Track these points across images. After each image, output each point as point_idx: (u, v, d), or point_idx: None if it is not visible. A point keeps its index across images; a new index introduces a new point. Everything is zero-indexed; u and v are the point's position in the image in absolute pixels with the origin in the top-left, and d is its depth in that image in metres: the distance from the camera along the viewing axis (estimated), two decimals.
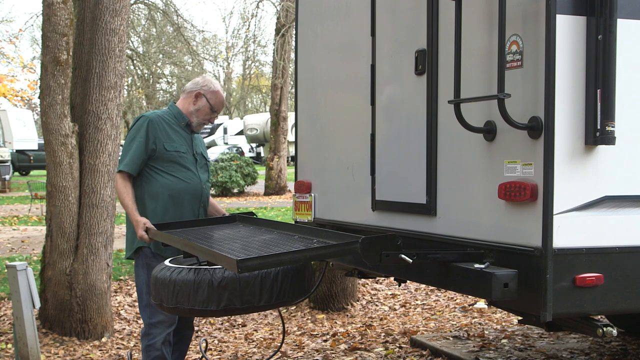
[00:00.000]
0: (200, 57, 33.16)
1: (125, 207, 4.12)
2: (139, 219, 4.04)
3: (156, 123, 4.17)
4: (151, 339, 4.06)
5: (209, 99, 4.28)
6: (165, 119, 4.24)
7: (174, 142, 4.20)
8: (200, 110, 4.28)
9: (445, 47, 3.49)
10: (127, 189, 4.12)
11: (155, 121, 4.18)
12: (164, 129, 4.19)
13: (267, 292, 3.48)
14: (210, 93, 4.29)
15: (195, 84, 4.35)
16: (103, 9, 6.40)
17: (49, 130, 6.31)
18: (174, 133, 4.22)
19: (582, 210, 2.97)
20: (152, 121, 4.17)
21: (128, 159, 4.12)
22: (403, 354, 5.41)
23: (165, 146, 4.16)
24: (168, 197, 4.17)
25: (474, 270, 3.06)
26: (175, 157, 4.18)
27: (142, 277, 4.18)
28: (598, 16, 2.92)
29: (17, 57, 33.32)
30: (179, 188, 4.19)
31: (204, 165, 4.39)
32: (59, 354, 6.00)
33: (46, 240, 6.55)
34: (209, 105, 4.29)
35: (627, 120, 3.00)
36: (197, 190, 4.27)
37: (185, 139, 4.27)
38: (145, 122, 4.16)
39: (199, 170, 4.30)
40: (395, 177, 3.93)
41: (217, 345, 6.20)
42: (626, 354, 5.00)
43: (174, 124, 4.25)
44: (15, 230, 13.71)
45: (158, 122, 4.18)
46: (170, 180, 4.17)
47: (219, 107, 4.34)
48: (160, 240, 4.03)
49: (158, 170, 4.17)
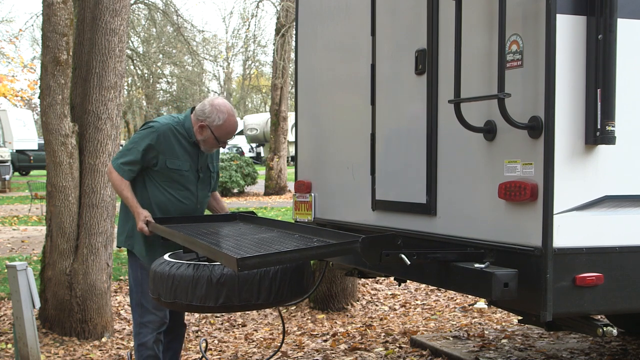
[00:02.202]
0: (200, 57, 33.17)
1: (126, 199, 4.07)
2: (141, 212, 4.02)
3: (163, 138, 4.07)
4: (142, 338, 4.07)
5: (213, 132, 4.12)
6: (175, 131, 4.12)
7: (177, 159, 4.11)
8: (206, 141, 4.16)
9: (445, 47, 3.49)
10: (124, 181, 4.08)
11: (164, 136, 4.08)
12: (171, 144, 4.09)
13: (266, 291, 3.48)
14: (215, 127, 4.11)
15: (202, 112, 4.13)
16: (103, 9, 6.40)
17: (49, 130, 6.31)
18: (180, 148, 4.12)
19: (582, 209, 2.97)
20: (160, 135, 4.07)
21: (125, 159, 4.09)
22: (403, 354, 5.41)
23: (167, 164, 4.10)
24: (157, 211, 4.13)
25: (474, 270, 3.06)
26: (176, 176, 4.13)
27: (132, 276, 4.18)
28: (598, 16, 2.92)
29: (17, 57, 33.38)
30: (170, 207, 4.15)
31: (208, 178, 4.31)
32: (59, 354, 5.99)
33: (46, 240, 6.55)
34: (214, 137, 4.14)
35: (627, 120, 3.00)
36: (190, 210, 4.22)
37: (191, 154, 4.18)
38: (152, 135, 4.07)
39: (198, 189, 4.24)
40: (395, 177, 3.93)
41: (217, 345, 6.20)
42: (626, 354, 5.00)
43: (183, 138, 4.14)
44: (15, 230, 13.71)
45: (166, 136, 4.08)
46: (164, 196, 4.14)
47: (227, 137, 4.19)
48: (160, 234, 4.03)
49: (156, 182, 4.14)
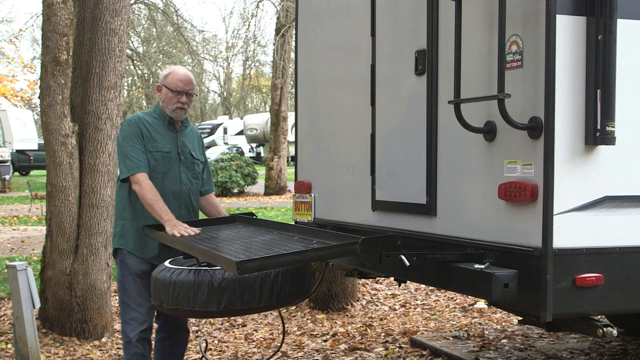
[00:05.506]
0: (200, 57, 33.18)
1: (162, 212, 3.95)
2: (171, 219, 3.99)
3: (136, 125, 4.12)
4: (126, 336, 4.09)
5: (166, 85, 4.18)
6: (145, 120, 4.18)
7: (155, 141, 4.14)
8: (165, 99, 4.19)
9: (445, 47, 3.49)
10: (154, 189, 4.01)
11: (135, 124, 4.13)
12: (146, 129, 4.14)
13: (267, 293, 3.48)
14: (164, 78, 4.20)
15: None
16: (103, 9, 6.40)
17: (49, 130, 6.31)
18: (156, 133, 4.16)
19: (582, 210, 2.97)
20: (131, 124, 4.12)
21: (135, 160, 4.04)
22: (403, 354, 5.41)
23: (147, 147, 4.11)
24: None
25: (474, 270, 3.06)
26: (158, 157, 4.13)
27: (118, 275, 4.20)
28: (598, 16, 2.92)
29: (17, 57, 33.35)
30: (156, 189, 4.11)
31: (192, 164, 4.29)
32: (59, 354, 5.99)
33: (46, 240, 6.55)
34: (168, 90, 4.17)
35: (627, 120, 3.00)
36: (176, 191, 4.18)
37: (169, 137, 4.21)
38: (127, 128, 4.12)
39: (181, 170, 4.22)
40: (395, 177, 3.93)
41: (217, 345, 6.20)
42: (626, 354, 5.00)
43: (158, 124, 4.20)
44: (15, 230, 13.72)
45: (138, 124, 4.13)
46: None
47: (178, 85, 4.16)
48: (159, 241, 4.03)
49: None
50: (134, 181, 4.03)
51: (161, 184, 4.11)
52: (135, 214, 4.14)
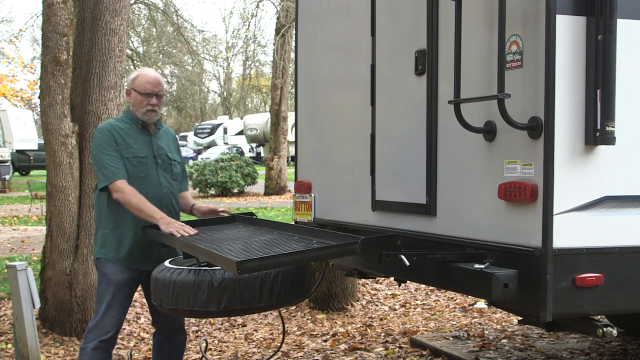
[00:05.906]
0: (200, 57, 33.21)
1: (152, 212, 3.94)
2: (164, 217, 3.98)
3: (109, 133, 4.08)
4: (85, 342, 4.03)
5: (135, 88, 4.15)
6: (117, 126, 4.13)
7: (131, 147, 4.10)
8: (135, 102, 4.16)
9: (445, 47, 3.49)
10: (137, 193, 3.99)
11: (108, 132, 4.08)
12: (119, 136, 4.09)
13: (267, 293, 3.48)
14: (132, 82, 4.17)
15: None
16: (103, 9, 6.40)
17: (49, 130, 6.31)
18: (129, 138, 4.12)
19: (582, 210, 2.97)
20: (104, 133, 4.08)
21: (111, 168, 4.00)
22: (403, 354, 5.41)
23: (123, 153, 4.06)
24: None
25: (474, 270, 3.06)
26: (135, 162, 4.08)
27: (97, 284, 4.17)
28: (598, 16, 2.92)
29: (17, 57, 33.35)
30: None
31: (169, 165, 4.24)
32: (59, 354, 6.00)
33: (46, 240, 6.55)
34: (137, 94, 4.14)
35: (627, 120, 3.00)
36: (156, 195, 4.12)
37: (144, 141, 4.17)
38: (99, 136, 4.07)
39: (159, 174, 4.18)
40: (395, 177, 3.93)
41: (217, 345, 6.20)
42: (626, 354, 5.00)
43: (130, 129, 4.15)
44: (15, 230, 13.71)
45: (110, 132, 4.08)
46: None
47: (147, 87, 4.12)
48: (159, 240, 4.03)
49: None
50: (113, 189, 3.99)
51: (141, 189, 4.05)
52: (115, 222, 4.09)
